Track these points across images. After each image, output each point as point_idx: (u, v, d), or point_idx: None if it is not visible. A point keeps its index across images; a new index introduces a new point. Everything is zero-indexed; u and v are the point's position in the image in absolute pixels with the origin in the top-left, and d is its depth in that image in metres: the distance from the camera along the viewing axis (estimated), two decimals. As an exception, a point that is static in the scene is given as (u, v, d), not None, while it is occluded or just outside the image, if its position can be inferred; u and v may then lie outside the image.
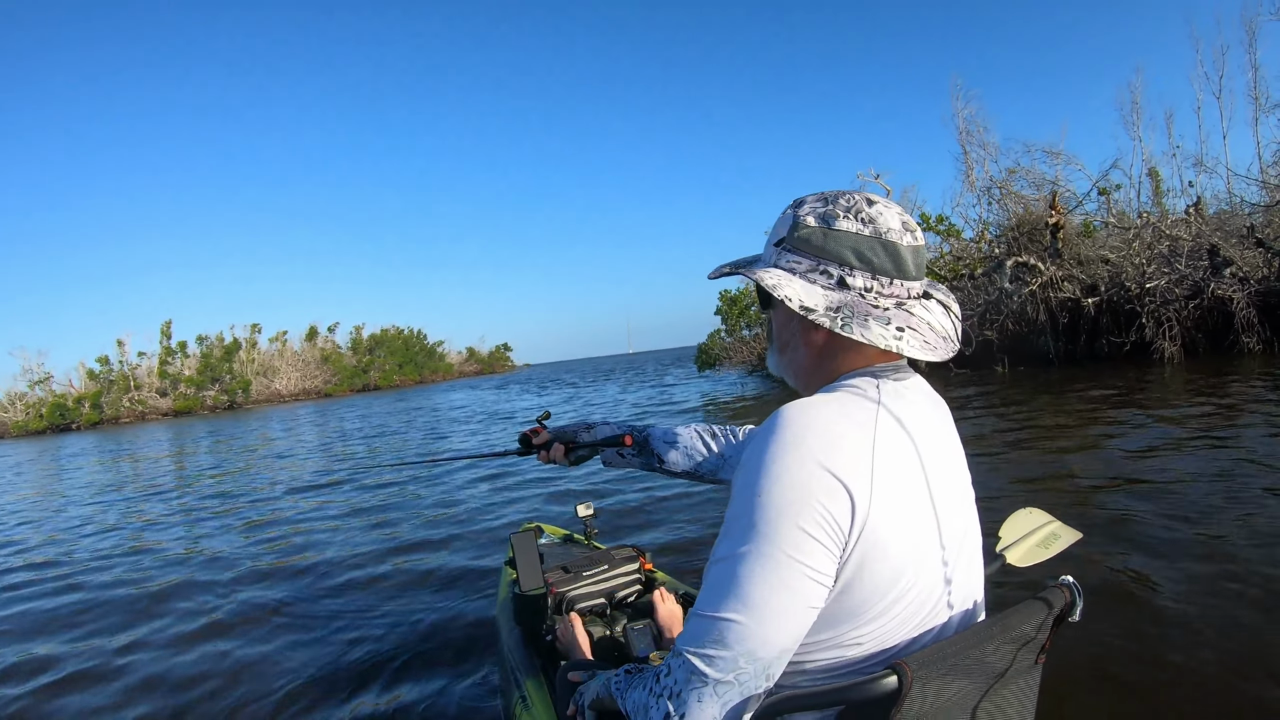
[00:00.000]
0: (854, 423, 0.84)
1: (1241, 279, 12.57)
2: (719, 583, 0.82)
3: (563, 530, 3.01)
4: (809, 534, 0.78)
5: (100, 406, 67.65)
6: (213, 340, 78.19)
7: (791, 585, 0.79)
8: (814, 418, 0.82)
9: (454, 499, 7.14)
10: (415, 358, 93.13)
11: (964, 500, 0.96)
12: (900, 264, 0.92)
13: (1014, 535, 1.62)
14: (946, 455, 0.94)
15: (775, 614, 0.79)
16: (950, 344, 0.94)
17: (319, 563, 5.01)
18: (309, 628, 3.67)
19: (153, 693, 3.11)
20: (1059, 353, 14.43)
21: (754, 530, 0.80)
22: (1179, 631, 2.64)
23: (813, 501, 0.78)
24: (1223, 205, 16.61)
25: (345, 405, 40.46)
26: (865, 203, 0.93)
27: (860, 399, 0.88)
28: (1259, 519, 3.70)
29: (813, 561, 0.79)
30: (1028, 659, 0.87)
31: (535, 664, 1.95)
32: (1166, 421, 6.90)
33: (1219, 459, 5.14)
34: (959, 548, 0.91)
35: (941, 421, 0.98)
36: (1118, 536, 3.66)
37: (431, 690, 2.78)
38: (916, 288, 0.95)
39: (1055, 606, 0.88)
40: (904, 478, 0.84)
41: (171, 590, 4.75)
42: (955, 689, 0.79)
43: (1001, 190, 16.48)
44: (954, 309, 0.98)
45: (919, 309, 0.93)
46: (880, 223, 0.92)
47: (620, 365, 67.55)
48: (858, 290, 0.92)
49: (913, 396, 0.94)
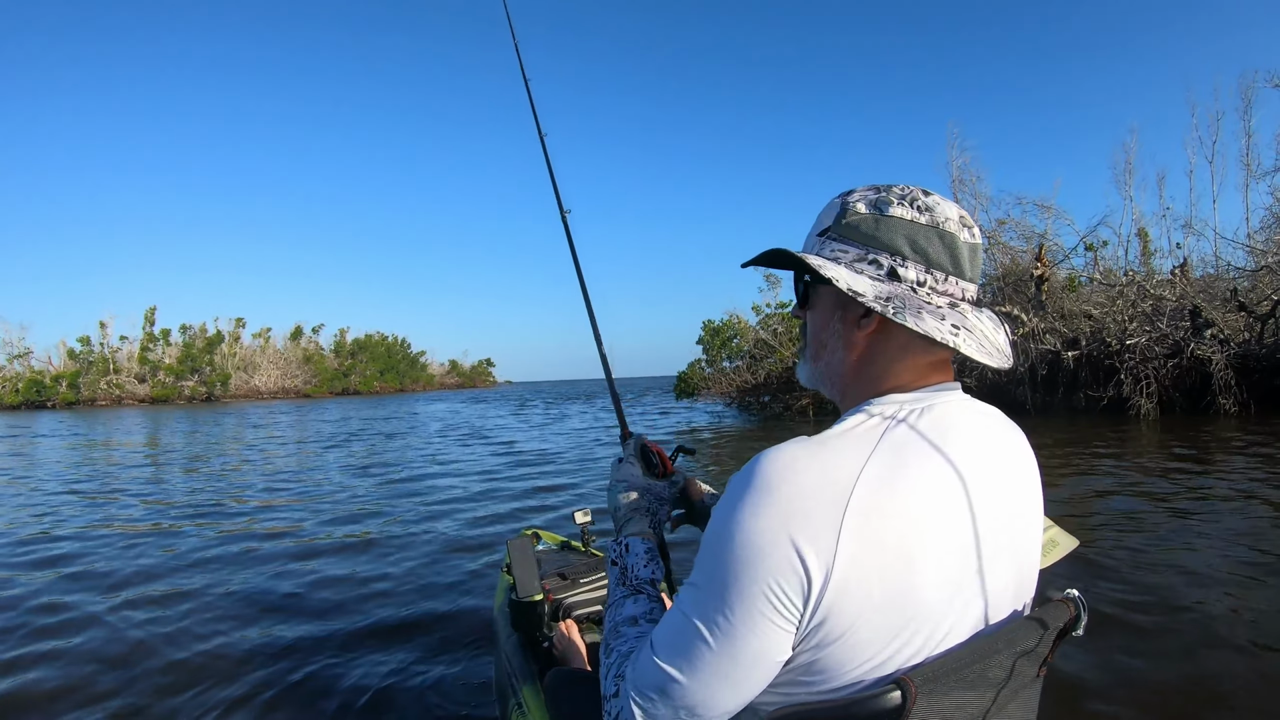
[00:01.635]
0: (832, 477, 0.74)
1: (1222, 341, 12.60)
2: (672, 632, 0.79)
3: (560, 537, 2.99)
4: (758, 609, 0.72)
5: (77, 387, 67.17)
6: (196, 330, 77.61)
7: (738, 656, 0.74)
8: (787, 472, 0.74)
9: (453, 498, 7.03)
10: (397, 365, 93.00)
11: (1015, 541, 0.85)
12: (957, 260, 0.84)
13: None
14: (996, 491, 0.82)
15: (720, 679, 0.75)
16: (1004, 357, 0.85)
17: (317, 562, 4.83)
18: (302, 629, 3.54)
19: (153, 691, 2.95)
20: (1036, 404, 14.37)
21: (710, 590, 0.76)
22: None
23: (766, 573, 0.72)
24: (1209, 268, 16.74)
25: (326, 407, 40.34)
26: (922, 193, 0.86)
27: (858, 444, 0.77)
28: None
29: (763, 637, 0.73)
30: (1029, 671, 0.84)
31: (532, 670, 1.94)
32: (1136, 474, 6.93)
33: (1174, 515, 5.14)
34: (997, 591, 0.82)
35: (1001, 450, 0.86)
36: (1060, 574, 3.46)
37: (427, 695, 2.77)
38: (972, 291, 0.87)
39: (1060, 620, 0.84)
40: (894, 530, 0.73)
41: (165, 588, 4.45)
42: (959, 703, 0.77)
43: (990, 240, 16.54)
44: (1005, 325, 0.89)
45: (972, 314, 0.85)
46: (938, 212, 0.84)
47: (601, 389, 67.66)
48: (910, 283, 0.83)
49: (956, 424, 0.82)
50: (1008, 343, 0.87)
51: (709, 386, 20.06)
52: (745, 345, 19.45)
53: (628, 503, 1.15)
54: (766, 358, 18.43)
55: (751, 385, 18.66)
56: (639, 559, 1.04)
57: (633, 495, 1.15)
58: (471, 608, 3.72)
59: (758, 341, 18.90)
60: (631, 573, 1.02)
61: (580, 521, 2.67)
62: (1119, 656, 2.79)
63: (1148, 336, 13.08)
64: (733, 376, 19.35)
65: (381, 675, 2.97)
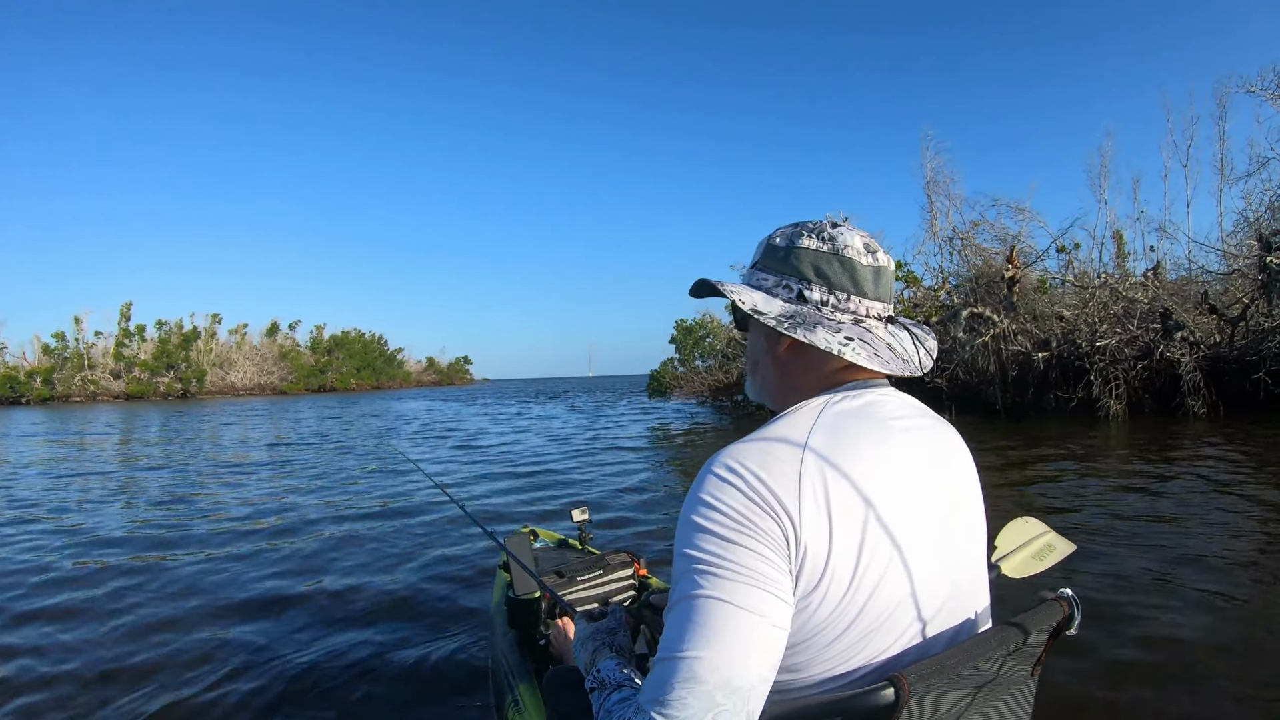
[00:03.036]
0: (779, 453, 0.81)
1: (1192, 343, 12.47)
2: (678, 624, 0.78)
3: (557, 534, 2.97)
4: (754, 552, 0.77)
5: (52, 383, 66.01)
6: (172, 326, 76.38)
7: (752, 606, 0.76)
8: (738, 452, 0.82)
9: (449, 500, 6.73)
10: (374, 363, 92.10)
11: (953, 507, 0.91)
12: (858, 281, 0.93)
13: (1010, 545, 1.61)
14: (926, 464, 0.89)
15: (743, 640, 0.75)
16: (909, 365, 0.94)
17: (313, 563, 4.70)
18: (302, 628, 3.46)
19: (150, 687, 2.85)
20: (1006, 404, 14.16)
21: (701, 564, 0.78)
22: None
23: (747, 524, 0.77)
24: (1182, 271, 16.64)
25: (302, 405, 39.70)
26: (830, 225, 0.95)
27: (798, 420, 0.86)
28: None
29: (766, 577, 0.76)
30: (1023, 670, 0.87)
31: (529, 668, 1.95)
32: (1098, 474, 6.91)
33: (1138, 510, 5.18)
34: (946, 555, 0.88)
35: (929, 436, 0.93)
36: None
37: (424, 693, 2.71)
38: (878, 308, 0.95)
39: (1054, 619, 0.86)
40: (848, 487, 0.80)
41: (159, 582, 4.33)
42: (952, 701, 0.78)
43: (964, 241, 16.39)
44: (926, 342, 1.00)
45: (880, 329, 0.94)
46: (839, 241, 0.94)
47: (576, 388, 69.83)
48: (814, 303, 0.94)
49: (888, 409, 0.90)
50: (925, 356, 0.98)
51: (681, 385, 19.95)
52: (718, 344, 19.39)
53: (587, 652, 1.14)
54: (739, 357, 18.30)
55: (724, 384, 18.60)
56: (612, 670, 1.02)
57: (588, 646, 1.15)
58: (468, 605, 3.66)
59: (730, 341, 18.80)
60: (610, 679, 1.00)
61: (578, 519, 2.67)
62: (1089, 658, 2.72)
63: (1118, 338, 12.96)
64: (705, 376, 19.34)
65: (377, 672, 2.91)
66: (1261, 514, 4.98)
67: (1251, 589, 3.42)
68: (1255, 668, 2.61)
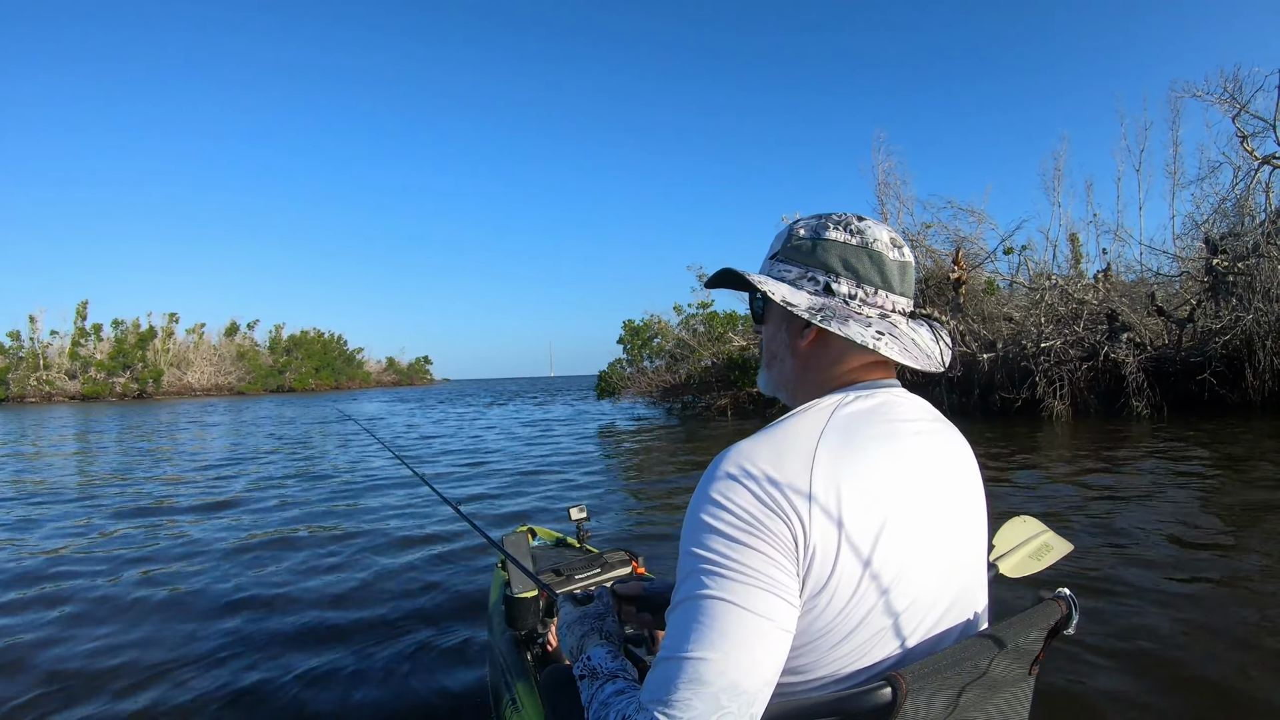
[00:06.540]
0: (791, 448, 0.79)
1: (1138, 345, 12.18)
2: (682, 624, 0.76)
3: (556, 533, 2.94)
4: (763, 554, 0.75)
5: (6, 383, 64.23)
6: (128, 325, 74.30)
7: (760, 610, 0.74)
8: (749, 451, 0.80)
9: (448, 494, 6.44)
10: (333, 363, 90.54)
11: (960, 511, 0.89)
12: (885, 276, 0.92)
13: (1008, 544, 1.58)
14: (935, 468, 0.88)
15: (750, 643, 0.74)
16: (934, 361, 0.93)
17: (306, 565, 4.54)
18: (299, 627, 3.40)
19: (151, 686, 2.80)
20: (953, 405, 13.83)
21: (709, 564, 0.76)
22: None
23: (757, 525, 0.75)
24: (1134, 274, 16.42)
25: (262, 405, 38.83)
26: (856, 218, 0.94)
27: (809, 421, 0.84)
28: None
29: (773, 580, 0.75)
30: (1021, 669, 0.86)
31: (526, 667, 1.92)
32: (1044, 469, 6.97)
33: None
34: (952, 559, 0.86)
35: (936, 438, 0.91)
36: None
37: (422, 692, 2.67)
38: (903, 303, 0.94)
39: (1051, 618, 0.85)
40: (859, 491, 0.78)
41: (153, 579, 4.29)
42: (950, 700, 0.77)
43: (914, 243, 16.04)
44: (945, 337, 0.99)
45: (904, 325, 0.93)
46: (868, 234, 0.92)
47: (535, 387, 70.35)
48: (842, 296, 0.92)
49: (900, 411, 0.89)
50: (945, 351, 0.97)
51: (630, 386, 19.48)
52: (666, 345, 18.98)
53: (574, 636, 1.09)
54: (687, 358, 17.99)
55: (672, 385, 18.30)
56: (603, 659, 0.97)
57: (575, 630, 1.10)
58: (466, 605, 3.61)
59: (678, 341, 18.43)
60: (602, 668, 0.95)
61: (576, 517, 2.64)
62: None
63: (1063, 339, 12.61)
64: (653, 377, 18.92)
65: (374, 672, 2.86)
66: (1187, 509, 4.97)
67: (1205, 583, 3.39)
68: (1224, 651, 2.64)
